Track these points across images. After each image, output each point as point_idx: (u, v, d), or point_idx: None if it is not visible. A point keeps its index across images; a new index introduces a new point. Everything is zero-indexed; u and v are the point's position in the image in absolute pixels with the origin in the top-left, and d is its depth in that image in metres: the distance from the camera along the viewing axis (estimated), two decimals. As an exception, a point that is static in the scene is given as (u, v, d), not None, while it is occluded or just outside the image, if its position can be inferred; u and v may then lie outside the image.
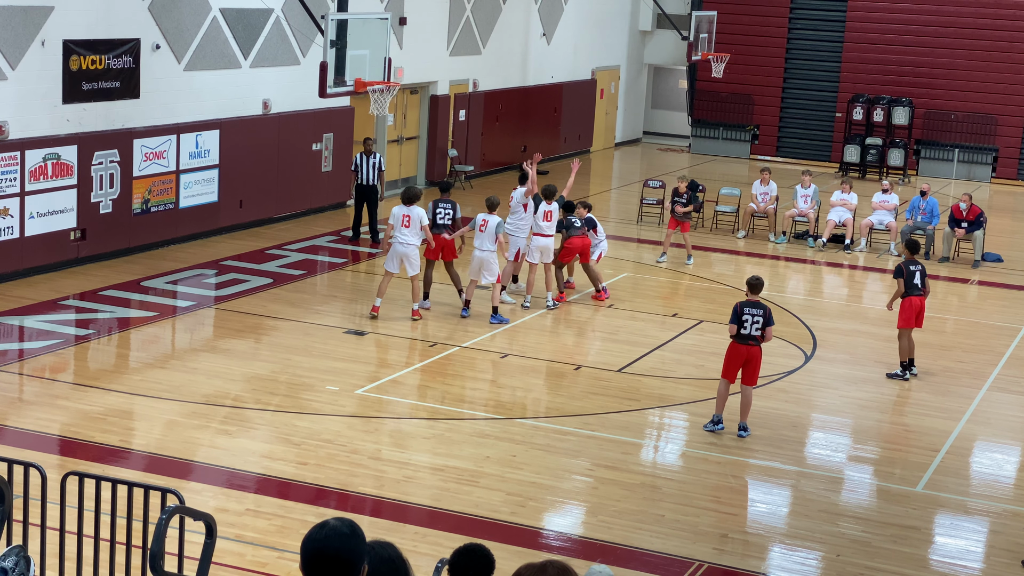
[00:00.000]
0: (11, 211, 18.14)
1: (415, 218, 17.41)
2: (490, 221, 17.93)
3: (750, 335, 13.84)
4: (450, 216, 18.45)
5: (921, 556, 11.39)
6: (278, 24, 23.06)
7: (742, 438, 13.88)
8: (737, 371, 14.01)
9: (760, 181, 25.41)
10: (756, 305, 13.91)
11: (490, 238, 17.89)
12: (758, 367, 14.00)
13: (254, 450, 12.75)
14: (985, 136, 34.20)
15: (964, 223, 23.77)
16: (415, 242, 17.48)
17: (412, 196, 17.58)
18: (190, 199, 21.38)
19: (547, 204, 18.71)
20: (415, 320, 17.61)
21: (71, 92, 19.01)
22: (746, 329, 13.82)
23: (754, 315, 13.82)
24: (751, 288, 14.13)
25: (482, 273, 17.96)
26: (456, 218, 18.56)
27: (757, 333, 13.83)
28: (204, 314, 17.80)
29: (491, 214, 18.04)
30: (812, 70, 35.82)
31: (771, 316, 13.99)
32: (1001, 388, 16.40)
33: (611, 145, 37.09)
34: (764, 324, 13.84)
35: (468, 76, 29.43)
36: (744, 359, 13.91)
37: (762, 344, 13.96)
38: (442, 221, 18.38)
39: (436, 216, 18.36)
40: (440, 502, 11.71)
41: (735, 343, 13.92)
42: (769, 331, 13.91)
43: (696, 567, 10.78)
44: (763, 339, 13.91)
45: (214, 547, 7.69)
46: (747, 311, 13.84)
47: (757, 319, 13.80)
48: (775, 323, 14.36)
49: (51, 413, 13.44)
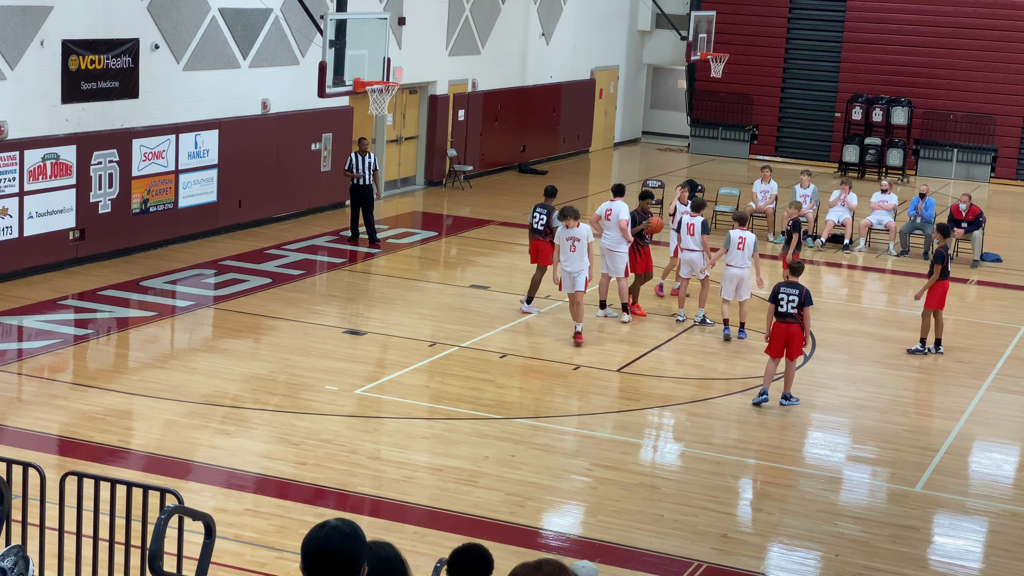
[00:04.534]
0: (10, 211, 18.14)
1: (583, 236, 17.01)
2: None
3: (787, 313, 14.80)
4: (543, 221, 18.32)
5: (920, 556, 11.39)
6: (277, 24, 23.05)
7: (784, 406, 14.93)
8: (781, 348, 14.92)
9: (761, 179, 25.43)
10: (792, 285, 14.89)
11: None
12: (798, 343, 14.88)
13: (253, 450, 12.75)
14: (984, 136, 34.21)
15: (963, 223, 23.79)
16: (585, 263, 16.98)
17: (570, 212, 17.09)
18: (189, 199, 21.38)
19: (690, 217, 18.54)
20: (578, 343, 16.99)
21: (70, 92, 19.01)
22: (783, 307, 14.82)
23: (789, 294, 14.82)
24: (791, 271, 15.16)
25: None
26: (551, 225, 18.20)
27: (793, 311, 14.76)
28: (203, 314, 17.80)
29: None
30: (811, 70, 35.83)
31: (808, 297, 14.86)
32: (1000, 388, 16.41)
33: (610, 145, 37.09)
34: (799, 304, 14.73)
35: (467, 76, 29.43)
36: (785, 336, 14.84)
37: (802, 323, 14.78)
38: (536, 226, 18.36)
39: (533, 220, 18.42)
40: (439, 502, 11.71)
41: (777, 322, 14.92)
42: (806, 311, 14.78)
43: (695, 567, 10.78)
44: (802, 319, 14.77)
45: (213, 547, 7.68)
46: (783, 290, 14.89)
47: (792, 298, 14.79)
48: None
49: (50, 413, 13.44)
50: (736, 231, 17.88)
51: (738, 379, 16.03)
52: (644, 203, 19.03)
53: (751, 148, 36.40)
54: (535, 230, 18.45)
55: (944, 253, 17.52)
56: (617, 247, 18.10)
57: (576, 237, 16.97)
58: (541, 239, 18.33)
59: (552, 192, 18.97)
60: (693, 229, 18.36)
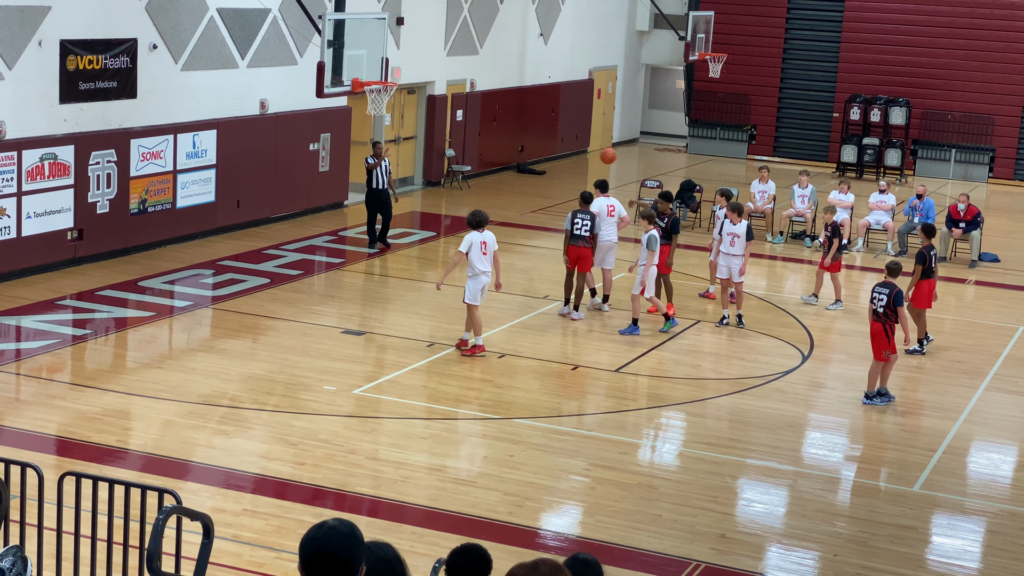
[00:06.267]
0: (8, 211, 18.13)
1: (491, 244, 16.38)
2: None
3: (875, 310, 15.19)
4: (588, 227, 18.24)
5: (918, 556, 11.40)
6: (275, 24, 23.05)
7: (866, 404, 15.17)
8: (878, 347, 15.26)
9: (759, 179, 25.44)
10: (884, 285, 15.24)
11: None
12: (881, 344, 15.15)
13: (251, 450, 12.75)
14: (982, 136, 34.22)
15: (961, 223, 23.80)
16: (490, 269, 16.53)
17: (482, 221, 16.44)
18: (187, 199, 21.37)
19: None
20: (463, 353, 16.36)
21: (68, 92, 19.00)
22: (873, 304, 15.22)
23: (881, 293, 15.17)
24: (888, 271, 15.44)
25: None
26: (595, 231, 18.29)
27: (881, 309, 15.09)
28: (201, 314, 17.79)
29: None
30: (809, 70, 35.83)
31: (900, 296, 15.16)
32: (998, 388, 16.42)
33: (608, 145, 37.07)
34: (891, 303, 15.02)
35: (465, 76, 29.43)
36: (873, 335, 15.27)
37: (885, 324, 15.07)
38: (579, 232, 18.22)
39: (574, 226, 18.24)
40: (437, 502, 11.71)
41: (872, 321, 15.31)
42: (900, 311, 15.10)
43: (693, 567, 10.78)
44: (887, 319, 15.07)
45: (211, 547, 7.68)
46: (876, 290, 15.28)
47: (883, 298, 15.11)
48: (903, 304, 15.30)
49: (48, 413, 13.44)
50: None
51: (738, 379, 16.03)
52: (663, 205, 18.95)
53: (749, 148, 36.42)
54: (577, 236, 18.19)
55: (926, 253, 17.51)
56: (614, 240, 18.84)
57: None
58: (584, 246, 18.21)
59: (588, 199, 18.55)
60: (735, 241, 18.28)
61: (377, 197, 21.91)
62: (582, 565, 5.42)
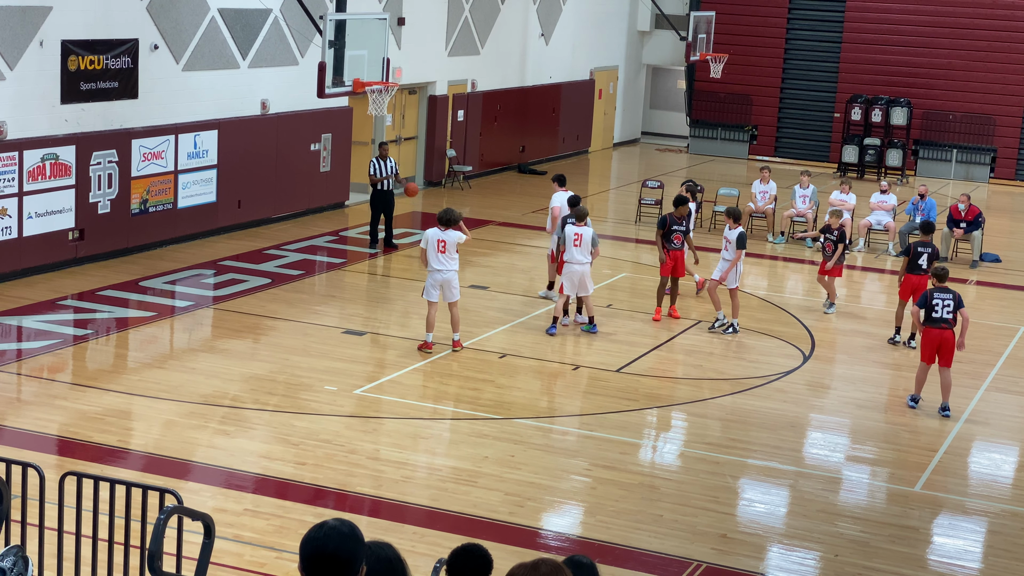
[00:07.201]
0: (9, 211, 18.14)
1: (451, 242, 16.21)
2: (584, 234, 17.27)
3: (942, 318, 14.86)
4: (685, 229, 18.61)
5: (919, 556, 11.40)
6: (276, 24, 23.06)
7: (944, 416, 14.88)
8: (933, 354, 14.95)
9: (760, 180, 25.43)
10: (945, 291, 14.99)
11: (586, 250, 17.30)
12: (951, 350, 14.89)
13: (252, 450, 12.75)
14: (983, 136, 34.21)
15: (963, 223, 23.79)
16: (455, 267, 16.34)
17: (449, 219, 16.27)
18: (188, 199, 21.38)
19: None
20: (456, 351, 16.39)
21: (69, 92, 19.01)
22: (937, 312, 14.87)
23: (944, 299, 14.90)
24: (938, 278, 15.18)
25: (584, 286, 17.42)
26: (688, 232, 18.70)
27: (949, 316, 14.84)
28: (202, 314, 17.79)
29: (583, 226, 17.32)
30: (810, 70, 35.83)
31: (961, 300, 15.00)
32: (999, 388, 16.41)
33: (609, 145, 37.10)
34: (955, 307, 14.84)
35: (466, 76, 29.43)
36: (938, 343, 14.87)
37: (955, 328, 14.85)
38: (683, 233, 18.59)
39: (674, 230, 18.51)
40: (438, 502, 11.71)
41: (928, 328, 14.94)
42: (963, 312, 14.88)
43: (694, 567, 10.78)
44: (955, 322, 14.84)
45: (212, 547, 7.68)
46: (936, 296, 14.93)
47: (948, 303, 14.88)
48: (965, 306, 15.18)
49: (49, 413, 13.44)
50: (571, 227, 17.36)
51: (737, 379, 16.03)
52: (680, 209, 18.63)
53: (750, 148, 36.41)
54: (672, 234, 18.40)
55: (913, 247, 17.70)
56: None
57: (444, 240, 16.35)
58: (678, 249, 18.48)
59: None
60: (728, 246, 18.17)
61: (382, 198, 21.89)
62: (576, 567, 5.42)
